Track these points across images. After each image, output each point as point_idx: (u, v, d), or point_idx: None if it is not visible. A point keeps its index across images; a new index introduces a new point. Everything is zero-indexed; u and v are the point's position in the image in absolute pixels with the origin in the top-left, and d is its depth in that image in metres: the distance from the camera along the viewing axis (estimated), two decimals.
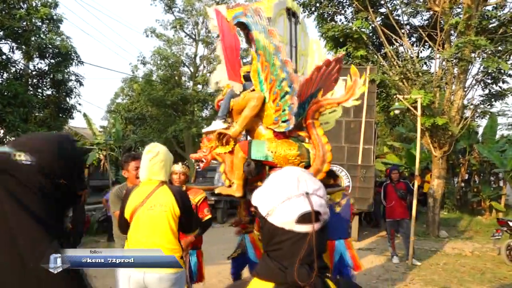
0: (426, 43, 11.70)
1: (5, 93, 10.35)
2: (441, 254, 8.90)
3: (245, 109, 4.76)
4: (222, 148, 4.78)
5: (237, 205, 5.25)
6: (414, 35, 12.34)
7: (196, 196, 4.43)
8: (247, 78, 5.07)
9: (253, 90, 4.94)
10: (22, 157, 1.28)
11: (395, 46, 11.26)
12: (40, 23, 13.26)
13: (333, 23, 11.34)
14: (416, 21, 12.18)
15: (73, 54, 13.49)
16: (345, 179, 9.91)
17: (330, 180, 4.91)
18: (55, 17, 13.49)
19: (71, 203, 1.48)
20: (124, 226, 3.05)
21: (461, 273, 7.33)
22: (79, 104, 14.84)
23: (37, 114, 13.79)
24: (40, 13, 12.97)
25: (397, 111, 8.80)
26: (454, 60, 10.06)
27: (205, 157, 4.68)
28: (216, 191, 4.82)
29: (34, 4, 13.08)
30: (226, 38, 5.06)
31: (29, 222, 1.26)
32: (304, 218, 1.06)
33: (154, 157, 3.03)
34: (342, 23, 11.73)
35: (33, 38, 12.70)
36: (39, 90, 13.91)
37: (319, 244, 1.07)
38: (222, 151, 4.82)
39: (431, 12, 11.34)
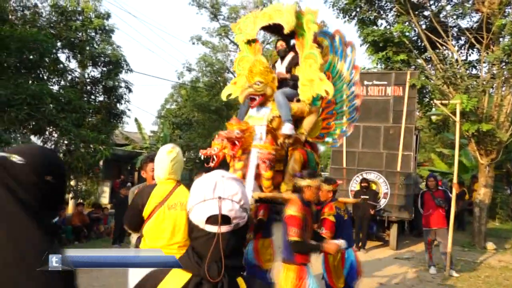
0: (474, 46, 11.24)
1: (60, 100, 11.10)
2: (484, 267, 8.49)
3: (310, 119, 4.88)
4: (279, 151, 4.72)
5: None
6: (462, 38, 11.87)
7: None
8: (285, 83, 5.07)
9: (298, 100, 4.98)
10: (16, 158, 1.48)
11: (439, 50, 10.89)
12: (94, 34, 14.12)
13: (374, 27, 11.18)
14: (464, 23, 11.71)
15: (123, 62, 14.22)
16: (383, 186, 9.74)
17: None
18: (107, 27, 14.29)
19: (58, 201, 1.64)
20: (137, 224, 3.15)
21: (503, 286, 6.98)
22: (129, 109, 15.58)
23: (89, 119, 14.67)
24: (94, 24, 13.81)
25: (433, 117, 8.54)
26: (502, 64, 9.59)
27: (216, 154, 4.67)
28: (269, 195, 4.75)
29: (88, 16, 13.96)
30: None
31: (24, 215, 1.48)
32: (212, 220, 1.18)
33: (175, 157, 3.18)
34: (385, 27, 11.53)
35: (87, 48, 13.54)
36: (92, 97, 14.76)
37: (228, 245, 1.17)
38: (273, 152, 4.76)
39: (480, 14, 10.88)
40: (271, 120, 4.48)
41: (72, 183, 13.23)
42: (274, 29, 4.98)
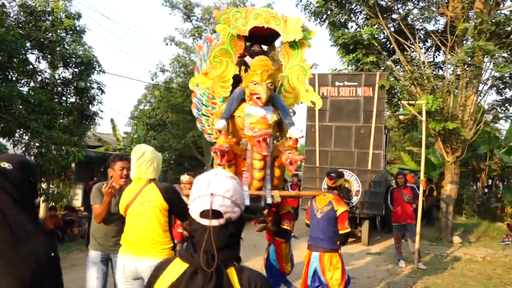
0: (440, 49, 11.70)
1: (30, 101, 10.90)
2: (450, 260, 8.89)
3: None
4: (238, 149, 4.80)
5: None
6: (428, 40, 12.34)
7: None
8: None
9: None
10: (5, 164, 1.76)
11: (407, 52, 11.29)
12: (64, 34, 13.89)
13: (345, 30, 11.49)
14: (430, 27, 12.15)
15: (95, 63, 14.06)
16: (355, 184, 10.03)
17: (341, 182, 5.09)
18: (78, 28, 14.10)
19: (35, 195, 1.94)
20: (120, 220, 3.42)
21: (467, 277, 7.34)
22: (101, 111, 15.37)
23: (61, 120, 14.43)
24: (64, 25, 13.59)
25: (401, 117, 8.88)
26: (465, 65, 10.05)
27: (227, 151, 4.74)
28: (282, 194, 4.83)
29: (59, 16, 13.73)
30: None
31: (17, 210, 1.71)
32: (205, 214, 1.31)
33: (140, 157, 3.32)
34: (355, 30, 11.85)
35: (58, 49, 13.32)
36: (64, 98, 14.51)
37: (220, 237, 1.30)
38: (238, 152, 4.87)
39: (445, 17, 11.34)
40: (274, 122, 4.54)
41: (44, 186, 13.00)
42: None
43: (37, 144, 11.12)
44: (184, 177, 5.12)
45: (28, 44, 13.02)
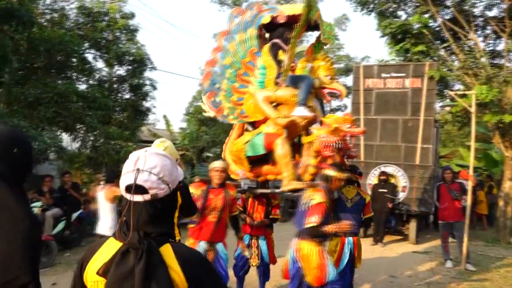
0: (500, 37, 10.84)
1: (86, 98, 11.55)
2: (505, 262, 8.25)
3: None
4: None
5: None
6: (487, 27, 11.49)
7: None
8: None
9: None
10: None
11: (462, 41, 10.57)
12: (119, 33, 14.57)
13: (393, 19, 10.98)
14: (489, 13, 11.27)
15: (146, 61, 14.63)
16: (401, 179, 9.62)
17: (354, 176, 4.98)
18: (131, 27, 14.73)
19: (25, 170, 1.82)
20: None
21: None
22: (154, 106, 15.98)
23: (116, 116, 15.17)
24: (119, 24, 14.28)
25: (448, 108, 8.34)
26: None
27: None
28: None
29: (114, 17, 14.42)
30: None
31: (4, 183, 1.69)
32: (130, 189, 1.29)
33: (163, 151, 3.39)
34: (405, 19, 11.30)
35: (112, 47, 14.00)
36: (119, 95, 15.26)
37: (146, 213, 1.29)
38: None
39: (507, 3, 10.49)
40: None
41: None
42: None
43: (91, 139, 11.76)
44: (216, 163, 4.46)
45: (86, 44, 13.82)
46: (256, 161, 4.82)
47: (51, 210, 7.74)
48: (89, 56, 14.13)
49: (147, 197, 1.29)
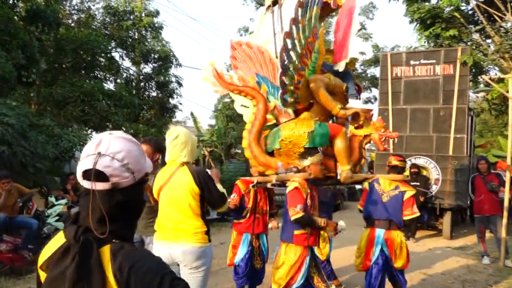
0: None
1: (112, 96, 11.67)
2: None
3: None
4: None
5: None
6: None
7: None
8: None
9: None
10: None
11: (497, 23, 9.94)
12: (144, 32, 14.67)
13: (421, 3, 10.46)
14: None
15: (172, 58, 14.66)
16: (434, 172, 9.16)
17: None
18: (156, 25, 14.80)
19: None
20: (150, 203, 3.41)
21: None
22: (180, 103, 16.01)
23: (144, 113, 15.33)
24: (144, 22, 14.37)
25: (481, 94, 7.83)
26: None
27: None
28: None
29: (139, 15, 14.52)
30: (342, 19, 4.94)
31: None
32: (88, 175, 1.11)
33: (173, 140, 3.18)
34: (434, 3, 10.76)
35: (137, 45, 14.11)
36: (146, 93, 15.40)
37: (102, 203, 1.10)
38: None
39: None
40: None
41: None
42: None
43: None
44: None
45: (112, 43, 13.98)
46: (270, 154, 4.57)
47: (76, 207, 7.81)
48: (116, 55, 14.33)
49: (107, 185, 1.11)
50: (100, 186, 1.10)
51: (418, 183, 8.93)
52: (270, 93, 4.81)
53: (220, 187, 3.25)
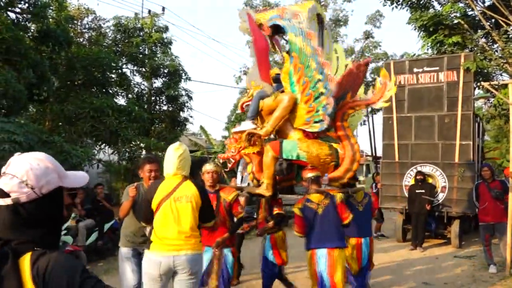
0: None
1: (122, 111, 11.93)
2: None
3: (277, 110, 4.87)
4: (251, 148, 4.94)
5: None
6: None
7: (229, 195, 4.43)
8: (276, 80, 5.24)
9: (283, 91, 5.04)
10: None
11: (502, 28, 9.83)
12: (154, 47, 14.98)
13: (424, 11, 10.43)
14: None
15: (181, 72, 14.92)
16: (440, 179, 9.06)
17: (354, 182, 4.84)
18: (165, 40, 15.11)
19: None
20: (148, 216, 3.43)
21: None
22: (191, 116, 16.22)
23: (156, 127, 15.59)
24: (153, 38, 14.69)
25: (481, 101, 7.74)
26: None
27: (233, 157, 4.88)
28: (245, 191, 5.04)
29: (148, 31, 14.86)
30: (257, 41, 5.23)
31: None
32: None
33: (182, 153, 3.40)
34: (438, 10, 10.72)
35: (147, 61, 14.43)
36: (157, 107, 15.68)
37: (7, 219, 1.22)
38: (250, 151, 4.96)
39: None
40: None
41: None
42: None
43: (127, 150, 12.11)
44: (208, 166, 4.49)
45: (123, 60, 14.33)
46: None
47: (84, 221, 8.01)
48: (127, 71, 14.66)
49: (8, 201, 1.23)
50: (2, 201, 1.23)
51: (423, 191, 8.87)
52: None
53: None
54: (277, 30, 5.32)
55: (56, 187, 1.33)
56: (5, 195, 1.23)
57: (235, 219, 4.47)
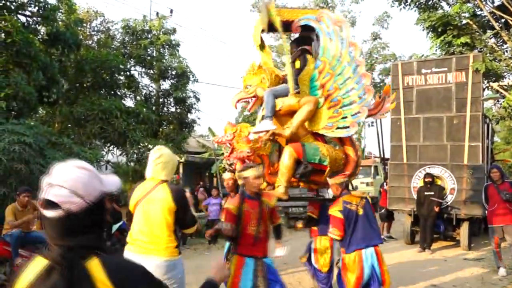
0: None
1: (130, 113, 12.02)
2: None
3: (301, 111, 4.78)
4: (264, 149, 4.86)
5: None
6: None
7: (271, 200, 4.06)
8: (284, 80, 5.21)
9: (298, 92, 4.97)
10: None
11: (511, 30, 9.74)
12: (162, 49, 15.07)
13: (432, 12, 10.36)
14: None
15: (188, 73, 14.98)
16: (449, 181, 8.99)
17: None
18: (173, 42, 15.19)
19: None
20: (131, 216, 3.44)
21: None
22: (198, 118, 16.26)
23: (164, 129, 15.67)
24: (161, 40, 14.78)
25: (491, 102, 7.67)
26: None
27: (248, 157, 4.75)
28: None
29: (156, 33, 14.95)
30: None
31: None
32: (44, 205, 1.26)
33: (157, 158, 3.37)
34: (447, 10, 10.64)
35: (155, 63, 14.52)
36: (165, 109, 15.76)
37: (63, 228, 1.25)
38: (264, 153, 4.89)
39: None
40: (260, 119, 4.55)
41: None
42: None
43: (135, 152, 12.18)
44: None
45: (132, 62, 14.44)
46: None
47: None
48: (135, 73, 14.76)
49: (60, 212, 1.24)
50: (54, 213, 1.24)
51: (432, 193, 8.81)
52: None
53: (192, 210, 3.39)
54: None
55: (101, 193, 1.35)
56: (56, 206, 1.25)
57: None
